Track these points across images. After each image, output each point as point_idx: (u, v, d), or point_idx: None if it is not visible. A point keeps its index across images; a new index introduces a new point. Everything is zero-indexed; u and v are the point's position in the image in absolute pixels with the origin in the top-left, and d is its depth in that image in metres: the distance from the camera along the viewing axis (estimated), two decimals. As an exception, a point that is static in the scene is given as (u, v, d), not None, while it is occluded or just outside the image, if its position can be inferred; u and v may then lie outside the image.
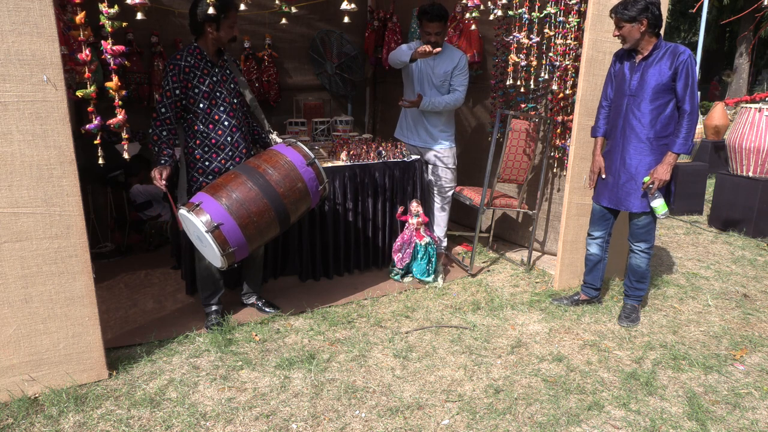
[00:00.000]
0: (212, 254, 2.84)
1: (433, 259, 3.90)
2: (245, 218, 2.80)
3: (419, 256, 3.87)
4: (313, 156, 3.05)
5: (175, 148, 3.07)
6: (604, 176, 3.30)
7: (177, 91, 2.97)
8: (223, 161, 3.09)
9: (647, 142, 3.10)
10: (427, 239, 3.88)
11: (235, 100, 3.12)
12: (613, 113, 3.26)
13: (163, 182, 2.94)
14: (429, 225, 4.51)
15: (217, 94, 3.04)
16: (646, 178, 3.09)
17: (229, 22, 2.99)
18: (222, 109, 3.06)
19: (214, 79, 3.04)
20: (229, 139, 3.09)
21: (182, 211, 2.82)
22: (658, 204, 3.09)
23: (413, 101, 4.03)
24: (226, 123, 3.07)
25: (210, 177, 3.08)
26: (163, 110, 2.97)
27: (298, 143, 3.09)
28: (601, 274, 3.50)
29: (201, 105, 3.01)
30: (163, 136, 3.00)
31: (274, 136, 3.32)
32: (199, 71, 2.99)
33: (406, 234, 3.91)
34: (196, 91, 2.99)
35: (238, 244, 2.81)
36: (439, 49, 3.74)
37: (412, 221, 3.87)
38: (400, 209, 3.97)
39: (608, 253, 3.49)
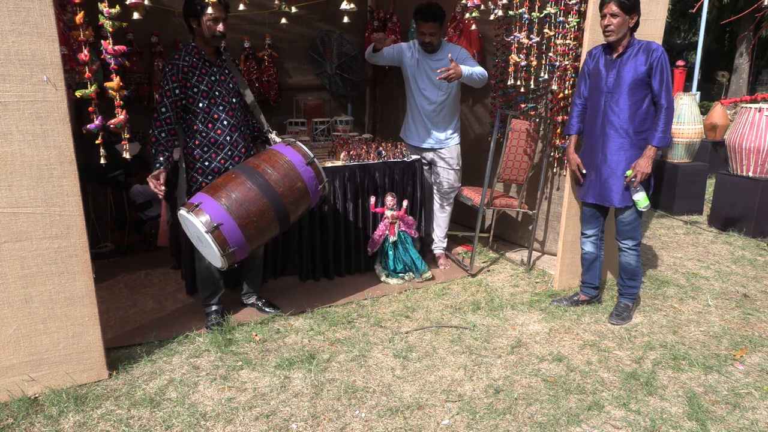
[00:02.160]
0: (212, 254, 2.84)
1: (410, 254, 3.87)
2: (245, 218, 2.80)
3: (388, 252, 3.87)
4: (312, 155, 3.05)
5: (173, 149, 3.07)
6: (584, 171, 3.36)
7: (177, 91, 2.97)
8: (222, 161, 3.09)
9: (627, 137, 3.15)
10: (395, 238, 3.83)
11: (234, 100, 3.12)
12: (590, 111, 3.30)
13: (162, 188, 2.94)
14: (428, 224, 4.50)
15: (216, 93, 3.04)
16: (629, 172, 3.13)
17: (208, 17, 2.93)
18: (221, 108, 3.06)
19: (213, 78, 3.04)
20: (228, 138, 3.09)
21: (182, 212, 2.82)
22: (640, 197, 3.13)
23: (450, 71, 3.63)
24: (225, 122, 3.07)
25: (209, 177, 3.08)
26: (163, 110, 2.98)
27: (298, 143, 3.09)
28: (598, 273, 3.50)
29: (200, 104, 3.01)
30: (162, 138, 2.99)
31: (273, 136, 3.32)
32: (198, 70, 3.00)
33: (381, 228, 3.87)
34: (195, 90, 3.00)
35: (237, 244, 2.80)
36: (392, 37, 3.67)
37: (387, 214, 3.81)
38: (372, 199, 3.89)
39: (605, 253, 3.50)
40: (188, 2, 2.95)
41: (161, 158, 3.00)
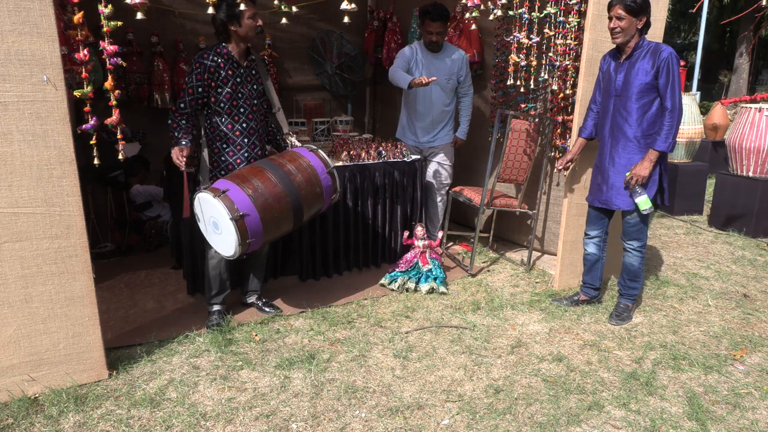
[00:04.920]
0: (227, 242, 2.82)
1: (435, 281, 3.79)
2: (267, 212, 2.85)
3: (412, 273, 3.81)
4: (332, 165, 3.13)
5: (192, 135, 3.08)
6: (561, 169, 3.46)
7: (200, 90, 2.98)
8: (238, 161, 3.12)
9: (635, 141, 3.13)
10: (429, 266, 3.80)
11: (256, 102, 3.15)
12: (601, 114, 3.30)
13: (184, 159, 2.93)
14: (432, 223, 4.54)
15: (239, 95, 3.06)
16: (628, 174, 3.12)
17: (248, 14, 2.99)
18: (242, 110, 3.08)
19: (238, 80, 3.06)
20: (246, 140, 3.12)
21: (205, 195, 2.80)
22: (641, 200, 3.10)
23: (460, 143, 4.44)
24: (244, 125, 3.10)
25: (222, 173, 3.10)
26: (182, 106, 2.99)
27: (320, 151, 3.15)
28: (599, 274, 3.50)
29: (222, 104, 3.03)
30: (183, 125, 3.01)
31: (293, 140, 3.35)
32: (224, 71, 3.01)
33: (409, 256, 3.85)
34: (219, 90, 3.01)
35: (255, 235, 2.85)
36: (434, 78, 3.79)
37: (418, 244, 3.82)
38: (406, 234, 3.91)
39: (606, 253, 3.49)
40: (228, 8, 2.94)
41: (185, 138, 2.99)
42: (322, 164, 3.09)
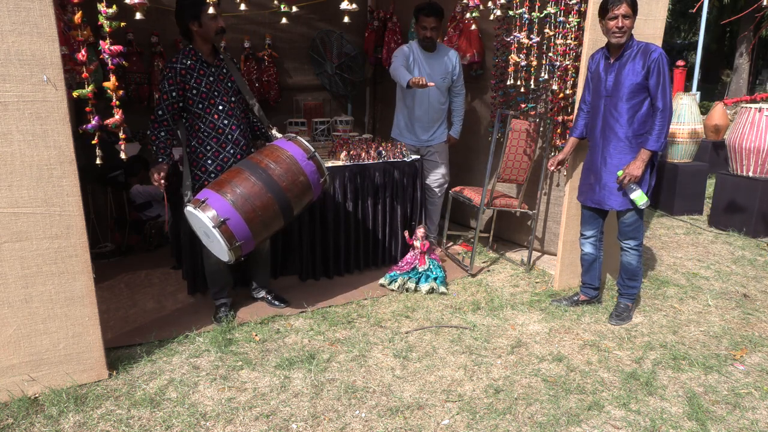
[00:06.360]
0: (219, 249, 2.87)
1: (435, 281, 3.80)
2: (250, 212, 2.85)
3: (411, 273, 3.82)
4: (313, 150, 3.10)
5: (173, 148, 3.10)
6: (553, 169, 3.50)
7: (174, 94, 3.01)
8: (225, 159, 3.13)
9: (626, 141, 3.14)
10: (426, 265, 3.81)
11: (233, 99, 3.16)
12: (591, 115, 3.32)
13: (162, 181, 3.00)
14: (431, 221, 4.54)
15: (215, 93, 3.07)
16: (620, 172, 3.13)
17: (209, 16, 2.99)
18: (220, 108, 3.09)
19: (211, 79, 3.07)
20: (229, 137, 3.12)
21: (189, 208, 2.86)
22: (637, 195, 3.12)
23: (453, 141, 4.50)
24: (225, 122, 3.10)
25: (212, 175, 3.12)
26: (160, 113, 3.03)
27: (298, 138, 3.14)
28: (598, 273, 3.50)
29: (200, 105, 3.04)
30: (162, 137, 3.05)
31: (274, 132, 3.37)
32: (196, 72, 3.03)
33: (409, 257, 3.87)
34: (194, 92, 3.03)
35: (244, 238, 2.85)
36: (432, 84, 3.82)
37: (416, 244, 3.84)
38: (406, 233, 3.94)
39: (605, 253, 3.50)
40: (188, 6, 2.97)
41: (163, 154, 3.06)
42: (301, 151, 3.06)
